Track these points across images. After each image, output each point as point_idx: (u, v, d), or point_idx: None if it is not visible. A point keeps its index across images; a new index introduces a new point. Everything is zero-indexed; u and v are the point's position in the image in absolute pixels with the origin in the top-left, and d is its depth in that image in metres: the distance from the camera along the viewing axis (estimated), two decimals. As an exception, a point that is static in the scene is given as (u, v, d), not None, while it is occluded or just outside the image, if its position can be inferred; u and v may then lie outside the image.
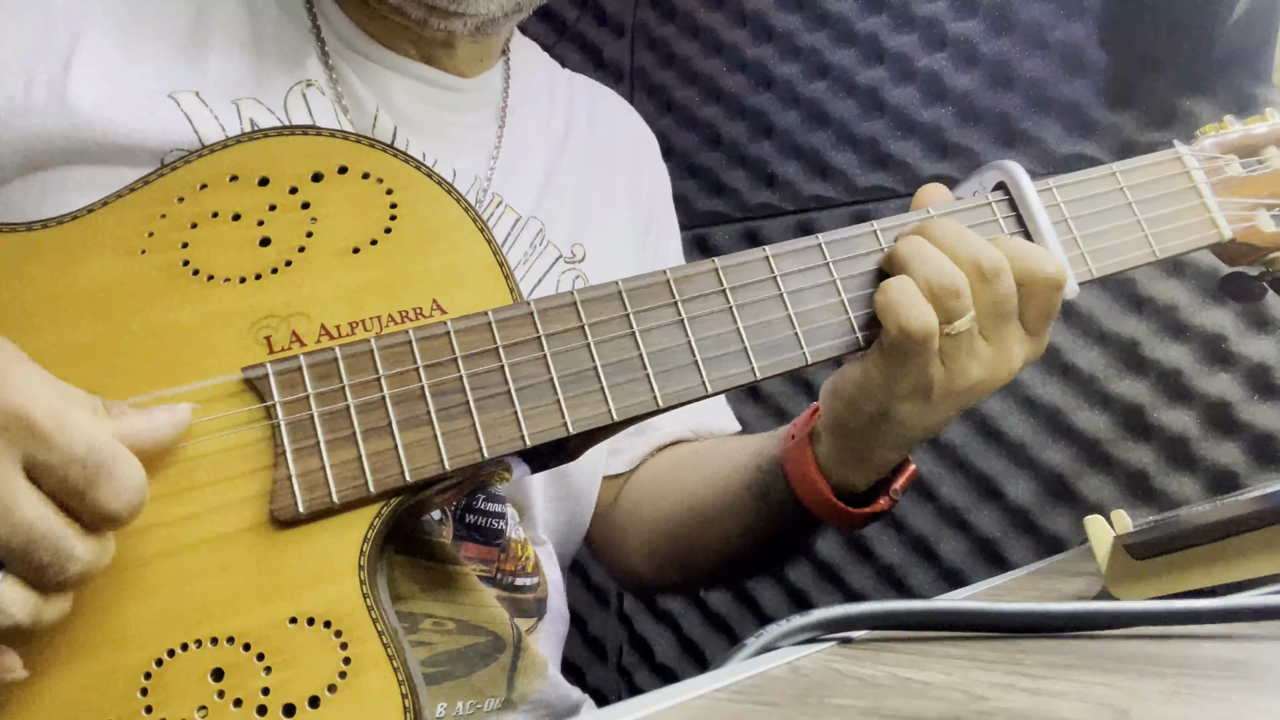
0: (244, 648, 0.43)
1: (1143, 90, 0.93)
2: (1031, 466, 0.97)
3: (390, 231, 0.51)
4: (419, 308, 0.50)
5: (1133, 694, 0.30)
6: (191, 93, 0.60)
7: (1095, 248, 0.59)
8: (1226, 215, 0.62)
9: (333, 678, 0.43)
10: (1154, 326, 0.92)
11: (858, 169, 1.11)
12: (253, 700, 0.42)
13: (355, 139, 0.52)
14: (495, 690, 0.62)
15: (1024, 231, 0.58)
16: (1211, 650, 0.37)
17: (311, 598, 0.44)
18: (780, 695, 0.33)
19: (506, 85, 0.76)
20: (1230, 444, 0.87)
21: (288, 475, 0.45)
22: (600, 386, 0.50)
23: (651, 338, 0.52)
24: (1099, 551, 0.51)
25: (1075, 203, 0.60)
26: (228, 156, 0.51)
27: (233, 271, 0.49)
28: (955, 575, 1.01)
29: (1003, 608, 0.40)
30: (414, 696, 0.43)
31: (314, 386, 0.47)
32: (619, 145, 0.84)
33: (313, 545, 0.45)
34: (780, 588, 1.13)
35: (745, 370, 0.53)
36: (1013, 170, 0.59)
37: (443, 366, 0.48)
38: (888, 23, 1.09)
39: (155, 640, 0.43)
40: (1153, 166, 0.62)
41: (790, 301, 0.54)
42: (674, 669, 1.22)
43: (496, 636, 0.62)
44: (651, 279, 0.53)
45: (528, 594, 0.67)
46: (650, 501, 0.78)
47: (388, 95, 0.67)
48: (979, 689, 0.31)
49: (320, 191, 0.51)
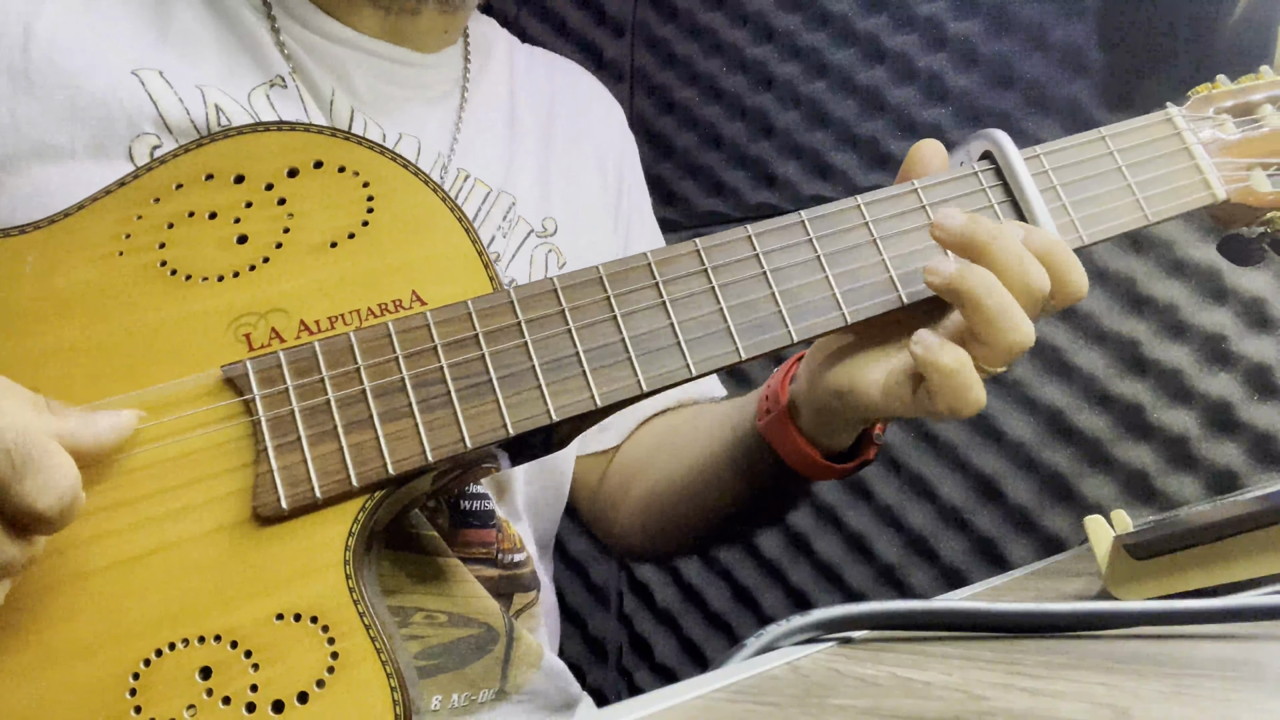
0: (231, 645, 0.43)
1: (1143, 90, 0.93)
2: (1031, 466, 0.97)
3: (367, 225, 0.51)
4: (398, 300, 0.50)
5: (1133, 694, 0.30)
6: (155, 71, 0.60)
7: (1086, 214, 0.57)
8: (1222, 176, 0.61)
9: (320, 673, 0.43)
10: (1154, 326, 0.92)
11: (858, 169, 1.11)
12: (241, 697, 0.42)
13: (331, 133, 0.52)
14: (489, 681, 0.62)
15: (1011, 200, 0.57)
16: (1211, 650, 0.37)
17: (297, 593, 0.44)
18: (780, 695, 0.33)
19: (466, 61, 0.75)
20: (1230, 444, 0.87)
21: (269, 470, 0.45)
22: (583, 371, 0.50)
23: (633, 321, 0.51)
24: (1099, 551, 0.51)
25: (1063, 169, 0.58)
26: (203, 155, 0.50)
27: (210, 270, 0.49)
28: (955, 575, 1.01)
29: (1003, 608, 0.40)
30: (403, 690, 0.43)
31: (294, 381, 0.47)
32: (583, 115, 0.84)
33: (297, 541, 0.45)
34: (780, 588, 1.13)
35: (730, 351, 0.52)
36: (999, 139, 0.57)
37: (423, 357, 0.48)
38: (888, 23, 1.09)
39: (142, 640, 0.43)
40: (1143, 129, 0.61)
41: (774, 280, 0.53)
42: (674, 669, 1.22)
43: (489, 628, 0.62)
44: (632, 262, 0.52)
45: (524, 569, 0.68)
46: (638, 476, 0.79)
47: (345, 73, 0.66)
48: (979, 689, 0.31)
49: (296, 187, 0.51)
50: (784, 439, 0.62)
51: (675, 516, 0.75)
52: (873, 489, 1.06)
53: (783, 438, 0.62)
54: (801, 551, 1.11)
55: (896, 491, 1.05)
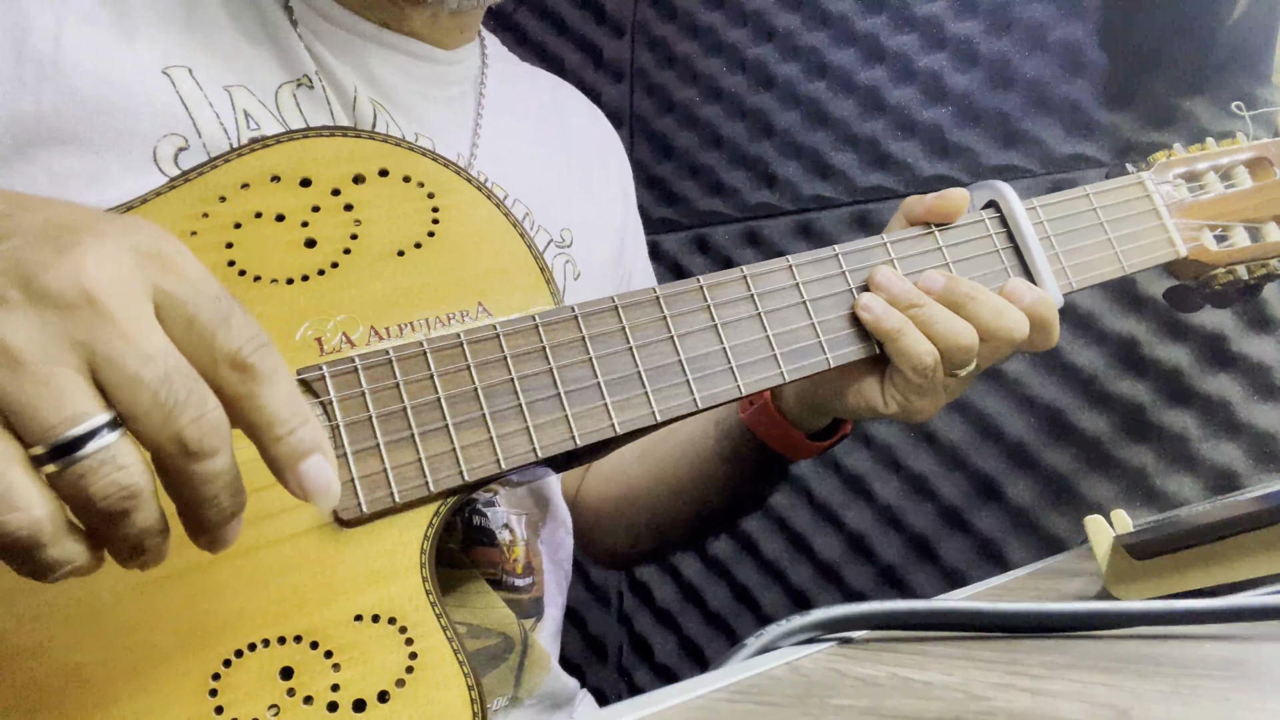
0: (312, 646, 0.44)
1: (1143, 90, 0.93)
2: (1031, 466, 0.97)
3: (433, 235, 0.52)
4: (465, 310, 0.51)
5: (1133, 694, 0.30)
6: (185, 69, 0.59)
7: (1074, 262, 0.64)
8: (1180, 235, 0.69)
9: (400, 673, 0.44)
10: (1154, 326, 0.92)
11: (858, 169, 1.11)
12: (323, 697, 0.43)
13: (395, 142, 0.53)
14: (503, 689, 0.62)
15: (1014, 247, 0.63)
16: (1211, 650, 0.37)
17: (375, 595, 0.45)
18: (780, 695, 0.33)
19: (484, 65, 0.76)
20: (1230, 444, 0.87)
21: (350, 478, 0.46)
22: (644, 390, 0.52)
23: (689, 342, 0.54)
24: (1099, 551, 0.51)
25: (1056, 220, 0.65)
26: (269, 156, 0.51)
27: (279, 272, 0.49)
28: (955, 575, 1.01)
29: (1003, 608, 0.40)
30: (479, 689, 0.44)
31: (369, 386, 0.48)
32: (587, 136, 0.85)
33: (375, 544, 0.46)
34: (780, 588, 1.13)
35: (775, 374, 0.56)
36: (1004, 190, 0.64)
37: (493, 367, 0.50)
38: (888, 23, 1.09)
39: (223, 641, 0.43)
40: (1120, 190, 0.68)
41: (812, 309, 0.58)
42: (674, 669, 1.22)
43: (506, 637, 0.62)
44: (686, 285, 0.56)
45: (524, 594, 0.68)
46: (618, 478, 0.80)
47: (366, 67, 0.66)
48: (979, 689, 0.31)
49: (362, 194, 0.52)
50: (770, 426, 0.68)
51: (662, 511, 0.77)
52: (873, 489, 1.06)
53: (769, 425, 0.68)
54: (801, 551, 1.11)
55: (896, 491, 1.05)
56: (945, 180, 1.04)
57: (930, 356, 0.57)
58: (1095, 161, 0.96)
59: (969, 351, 0.58)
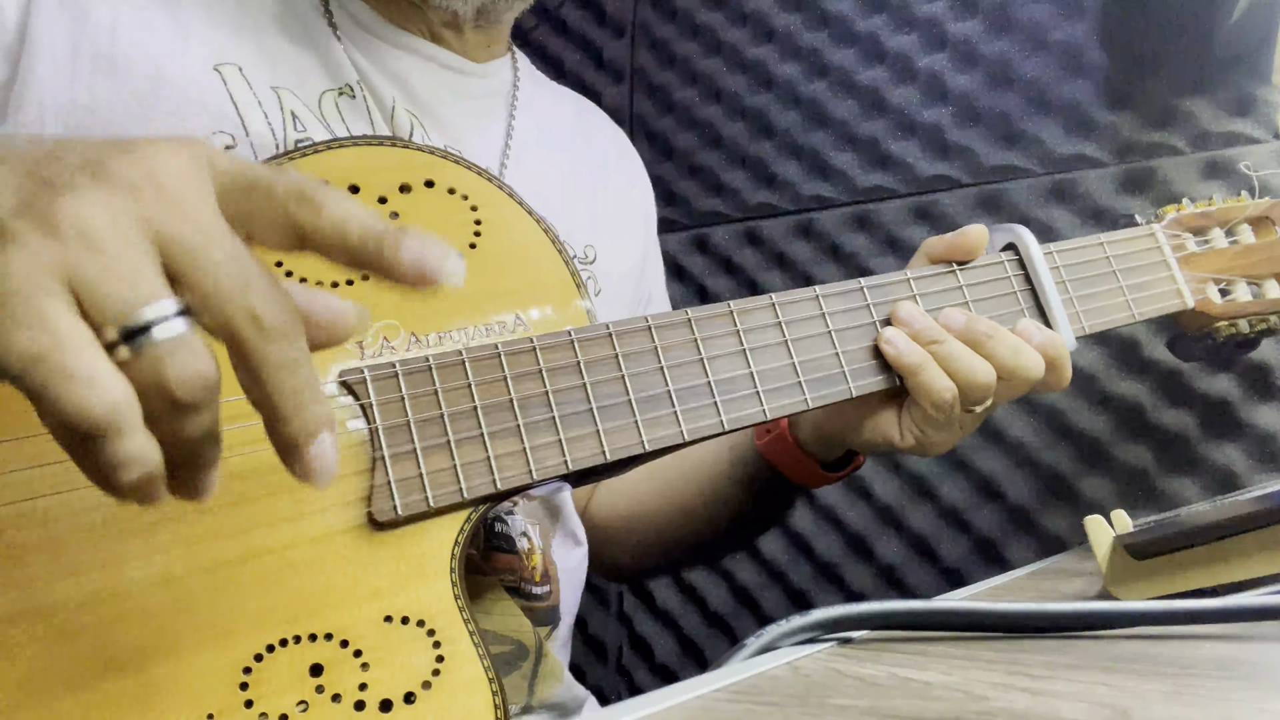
0: (341, 644, 0.44)
1: (1143, 90, 0.93)
2: (1031, 466, 0.97)
3: (475, 247, 0.54)
4: (502, 322, 0.53)
5: (1133, 694, 0.30)
6: (235, 67, 0.60)
7: (1088, 307, 0.66)
8: (1189, 288, 0.71)
9: (427, 675, 0.45)
10: (1154, 326, 0.92)
11: (858, 169, 1.10)
12: (351, 695, 0.43)
13: (441, 154, 0.55)
14: (517, 697, 0.62)
15: (1030, 289, 0.65)
16: (1211, 650, 0.37)
17: (406, 597, 0.46)
18: (780, 695, 0.33)
19: (516, 79, 0.76)
20: (1230, 444, 0.87)
21: (386, 481, 0.46)
22: (673, 409, 0.53)
23: (717, 365, 0.55)
24: (1099, 551, 0.51)
25: (1071, 267, 0.67)
26: (320, 161, 0.52)
27: (325, 275, 0.50)
28: (955, 575, 1.01)
29: (1003, 608, 0.40)
30: (503, 693, 0.45)
31: (408, 391, 0.48)
32: (611, 157, 0.86)
33: (407, 547, 0.47)
34: (780, 588, 1.13)
35: (799, 400, 0.57)
36: (1022, 235, 0.66)
37: (529, 379, 0.51)
38: (888, 23, 1.09)
39: (255, 635, 0.43)
40: (1133, 240, 0.70)
41: (837, 339, 0.59)
42: (674, 669, 1.22)
43: (521, 645, 0.62)
44: (717, 309, 0.57)
45: (541, 602, 0.68)
46: (627, 496, 0.81)
47: (403, 77, 0.67)
48: (979, 689, 0.31)
49: (408, 203, 0.53)
50: (786, 455, 0.69)
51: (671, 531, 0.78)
52: (873, 489, 1.06)
53: (784, 455, 0.69)
54: (801, 551, 1.11)
55: (896, 491, 1.05)
56: (945, 180, 1.04)
57: (949, 392, 0.58)
58: (1095, 161, 0.96)
59: (986, 389, 0.59)
